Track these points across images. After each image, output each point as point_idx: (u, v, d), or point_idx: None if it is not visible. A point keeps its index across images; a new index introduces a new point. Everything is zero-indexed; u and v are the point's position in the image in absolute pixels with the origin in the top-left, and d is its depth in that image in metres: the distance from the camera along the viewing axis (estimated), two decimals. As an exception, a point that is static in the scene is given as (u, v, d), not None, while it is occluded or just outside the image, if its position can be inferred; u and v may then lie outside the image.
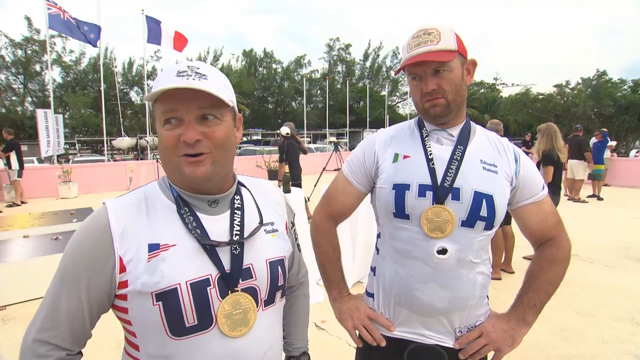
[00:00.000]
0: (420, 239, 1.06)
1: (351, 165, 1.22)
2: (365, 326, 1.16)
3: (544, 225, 1.14)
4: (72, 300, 0.76)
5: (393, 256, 1.12)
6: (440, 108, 1.07)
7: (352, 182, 1.21)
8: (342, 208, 1.26)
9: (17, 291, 3.59)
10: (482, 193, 1.05)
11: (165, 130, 0.77)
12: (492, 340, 1.08)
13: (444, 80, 1.04)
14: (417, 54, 1.03)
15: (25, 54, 26.04)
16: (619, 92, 22.87)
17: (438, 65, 1.03)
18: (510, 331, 1.09)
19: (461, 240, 1.05)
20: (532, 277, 1.13)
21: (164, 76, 0.77)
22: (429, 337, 1.10)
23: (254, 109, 33.90)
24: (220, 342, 0.79)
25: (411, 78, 1.10)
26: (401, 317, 1.12)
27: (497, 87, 34.94)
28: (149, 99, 0.77)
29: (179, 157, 0.77)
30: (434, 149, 1.11)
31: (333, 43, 39.39)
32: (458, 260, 1.05)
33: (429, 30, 1.04)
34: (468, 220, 1.04)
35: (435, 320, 1.09)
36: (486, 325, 1.11)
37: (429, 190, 1.05)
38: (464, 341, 1.09)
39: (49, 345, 0.75)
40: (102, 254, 0.75)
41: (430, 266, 1.05)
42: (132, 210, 0.80)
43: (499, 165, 1.10)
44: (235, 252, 0.82)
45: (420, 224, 1.05)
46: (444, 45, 1.03)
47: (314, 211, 1.32)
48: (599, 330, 3.06)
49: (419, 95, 1.08)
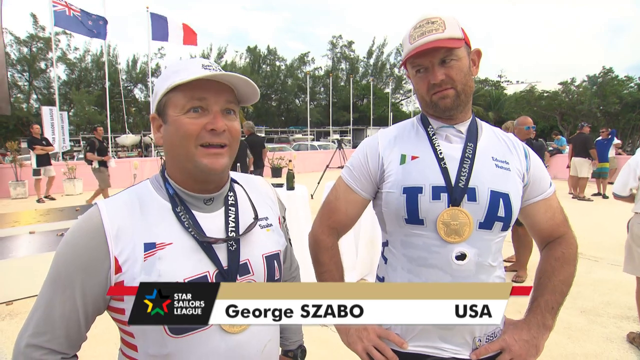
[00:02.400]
0: (437, 244, 0.99)
1: (352, 170, 1.13)
2: (376, 346, 1.06)
3: (553, 223, 1.10)
4: (66, 304, 0.74)
5: (406, 265, 1.04)
6: (450, 99, 1.01)
7: (354, 189, 1.12)
8: (345, 219, 1.16)
9: (23, 287, 3.62)
10: (499, 192, 1.00)
11: (188, 118, 0.77)
12: (517, 355, 1.01)
13: (452, 70, 0.99)
14: (424, 43, 0.97)
15: (30, 51, 26.16)
16: (625, 89, 22.63)
17: (445, 55, 0.98)
18: (533, 340, 1.02)
19: (479, 243, 0.99)
20: (546, 278, 1.08)
21: (189, 66, 0.78)
22: (446, 350, 1.03)
23: (257, 107, 33.87)
24: (220, 337, 0.79)
25: (415, 71, 1.04)
26: (416, 330, 1.04)
27: (502, 85, 34.74)
28: (177, 84, 0.76)
29: (197, 148, 0.77)
30: (444, 147, 1.05)
31: (336, 40, 39.27)
32: (477, 265, 0.99)
33: (431, 19, 0.99)
34: (486, 221, 0.99)
35: (453, 332, 1.02)
36: (507, 339, 1.03)
37: (444, 192, 0.99)
38: (482, 353, 1.02)
39: (43, 349, 0.74)
40: (96, 255, 0.74)
41: (448, 273, 0.99)
42: (126, 210, 0.79)
43: (511, 162, 1.05)
44: (231, 249, 0.82)
45: (437, 229, 0.98)
46: (451, 33, 0.97)
47: (312, 224, 1.21)
48: (603, 329, 3.04)
49: (426, 87, 1.02)
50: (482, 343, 1.04)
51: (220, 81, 0.79)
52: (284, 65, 38.23)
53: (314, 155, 16.98)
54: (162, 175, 0.86)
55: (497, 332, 1.07)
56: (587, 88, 23.27)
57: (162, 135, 0.82)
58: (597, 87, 22.57)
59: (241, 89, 0.82)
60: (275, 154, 12.39)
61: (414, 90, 1.10)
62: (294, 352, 1.11)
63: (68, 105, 26.69)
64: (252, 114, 31.63)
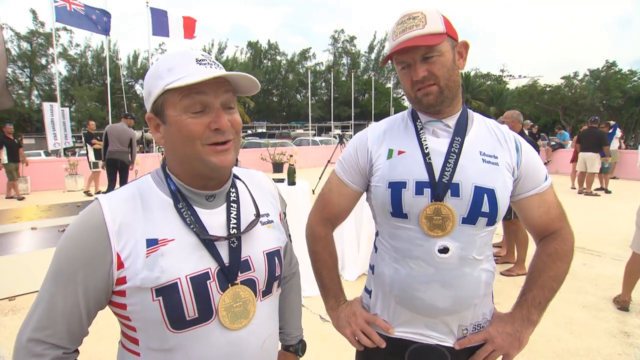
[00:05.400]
0: (420, 238, 1.01)
1: (344, 164, 1.16)
2: (363, 330, 1.11)
3: (548, 218, 1.09)
4: (68, 299, 0.74)
5: (393, 255, 1.07)
6: (434, 96, 1.01)
7: (346, 182, 1.15)
8: (337, 210, 1.20)
9: (25, 282, 3.64)
10: (483, 187, 1.00)
11: (190, 118, 0.75)
12: (499, 347, 1.04)
13: (434, 66, 0.98)
14: (402, 41, 0.97)
15: (31, 47, 26.16)
16: (628, 83, 22.47)
17: (426, 51, 0.97)
18: (516, 334, 1.04)
19: (463, 237, 1.00)
20: (536, 273, 1.08)
21: (182, 63, 0.76)
22: (431, 337, 1.06)
23: (259, 102, 33.87)
24: (221, 332, 0.79)
25: (400, 68, 1.04)
26: (402, 318, 1.08)
27: (504, 79, 34.54)
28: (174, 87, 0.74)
29: (204, 147, 0.76)
30: (430, 142, 1.05)
31: (338, 35, 39.14)
32: (460, 258, 1.01)
33: (413, 14, 0.98)
34: (469, 216, 0.99)
35: (438, 321, 1.05)
36: (491, 331, 1.06)
37: (427, 187, 1.00)
38: (466, 343, 1.05)
39: (44, 344, 0.73)
40: (98, 250, 0.74)
41: (432, 266, 1.01)
42: (127, 205, 0.78)
43: (500, 156, 1.04)
44: (233, 245, 0.82)
45: (420, 223, 1.00)
46: (431, 28, 0.97)
47: (308, 216, 1.25)
48: (605, 324, 3.04)
49: (409, 84, 1.03)
50: (468, 332, 1.06)
51: (245, 75, 0.77)
52: (285, 60, 38.18)
53: (315, 150, 16.96)
54: (163, 171, 0.85)
55: (485, 323, 1.09)
56: (590, 82, 23.11)
57: (163, 135, 0.80)
58: (600, 81, 22.43)
59: (240, 81, 0.81)
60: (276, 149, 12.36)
61: (401, 86, 1.09)
62: (294, 347, 1.12)
63: (69, 101, 26.74)
64: (253, 109, 31.62)
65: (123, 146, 7.67)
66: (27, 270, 3.65)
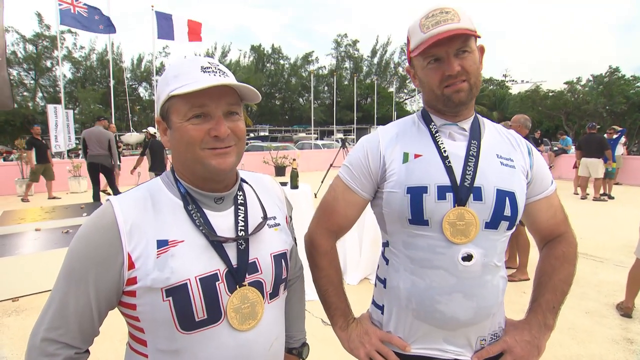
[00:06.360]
0: (442, 246, 0.96)
1: (352, 169, 1.08)
2: (379, 350, 1.04)
3: (554, 221, 1.09)
4: (80, 298, 0.75)
5: (409, 267, 1.01)
6: (465, 93, 0.97)
7: (354, 190, 1.07)
8: (344, 221, 1.11)
9: (29, 283, 3.65)
10: (504, 190, 0.97)
11: (191, 125, 0.77)
12: (519, 356, 1.00)
13: (466, 61, 0.95)
14: (441, 31, 0.92)
15: (36, 49, 26.37)
16: (632, 89, 22.41)
17: (461, 45, 0.94)
18: (534, 341, 1.01)
19: (485, 243, 0.97)
20: (545, 277, 1.07)
21: (188, 70, 0.78)
22: (449, 351, 1.01)
23: (261, 105, 33.93)
24: (229, 334, 0.80)
25: (427, 62, 0.98)
26: (420, 333, 1.02)
27: (507, 84, 34.51)
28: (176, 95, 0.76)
29: (204, 150, 0.78)
30: (448, 145, 1.01)
31: (341, 39, 39.26)
32: (483, 265, 0.97)
33: (445, 9, 0.95)
34: (492, 221, 0.96)
35: (457, 333, 1.00)
36: (508, 341, 1.02)
37: (449, 191, 0.96)
38: (484, 355, 1.01)
39: (57, 343, 0.75)
40: (110, 251, 0.75)
41: (454, 275, 0.96)
42: (138, 206, 0.80)
43: (515, 159, 1.03)
44: (241, 248, 0.84)
45: (442, 230, 0.95)
46: (465, 24, 0.94)
47: (309, 225, 1.17)
48: (608, 330, 3.02)
49: (439, 79, 0.96)
50: (486, 342, 1.03)
51: (231, 85, 0.79)
52: (288, 64, 38.28)
53: (317, 154, 16.97)
54: (172, 174, 0.86)
55: (500, 331, 1.06)
56: (593, 87, 23.07)
57: (169, 139, 0.83)
58: (603, 86, 22.38)
59: (243, 90, 0.82)
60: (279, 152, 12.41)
61: (421, 84, 1.05)
62: (298, 350, 1.12)
63: (73, 103, 26.89)
64: (255, 113, 31.71)
65: (103, 149, 7.39)
66: (31, 272, 3.66)
